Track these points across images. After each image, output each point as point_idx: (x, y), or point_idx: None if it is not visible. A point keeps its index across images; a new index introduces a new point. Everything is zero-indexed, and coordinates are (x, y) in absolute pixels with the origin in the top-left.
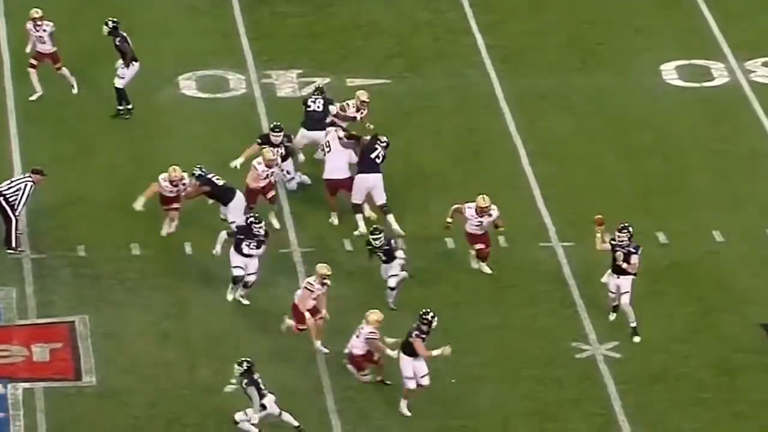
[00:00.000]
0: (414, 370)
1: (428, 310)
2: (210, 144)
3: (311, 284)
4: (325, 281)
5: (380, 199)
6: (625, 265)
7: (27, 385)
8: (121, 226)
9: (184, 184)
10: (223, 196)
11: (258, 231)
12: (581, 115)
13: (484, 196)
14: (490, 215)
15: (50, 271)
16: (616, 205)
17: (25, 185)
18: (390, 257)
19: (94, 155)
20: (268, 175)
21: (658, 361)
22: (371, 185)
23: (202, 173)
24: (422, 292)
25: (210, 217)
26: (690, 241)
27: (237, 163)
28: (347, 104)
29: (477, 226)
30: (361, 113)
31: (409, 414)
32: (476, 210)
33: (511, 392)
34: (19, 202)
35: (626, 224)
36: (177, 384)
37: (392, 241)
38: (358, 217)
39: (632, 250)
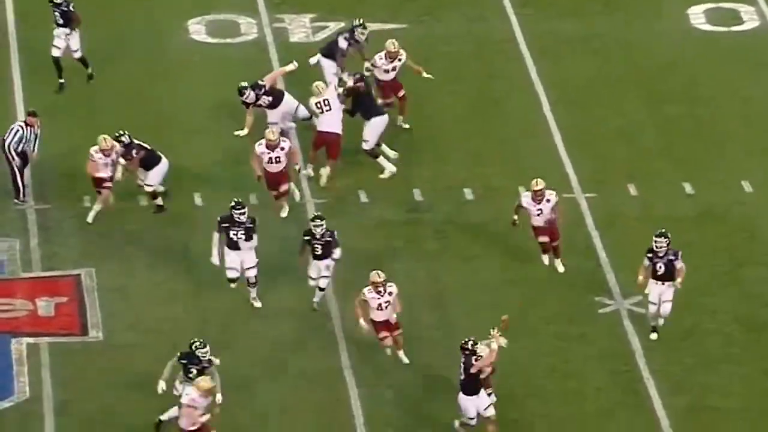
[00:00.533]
0: (477, 409)
1: (466, 340)
2: (220, 91)
3: (364, 294)
4: (380, 289)
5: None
6: (670, 277)
7: (31, 340)
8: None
9: (116, 153)
10: (152, 160)
11: (239, 217)
12: (605, 60)
13: (538, 179)
14: (548, 200)
15: (55, 222)
16: (641, 153)
17: (11, 130)
18: (326, 253)
19: (99, 103)
20: (272, 159)
21: (684, 316)
22: (384, 126)
23: (130, 140)
24: (438, 244)
25: (220, 167)
26: (718, 191)
27: (241, 133)
28: (376, 58)
29: (538, 215)
30: (399, 61)
31: None
32: (531, 196)
33: (533, 349)
34: (12, 146)
35: (663, 231)
36: (185, 339)
37: (335, 234)
38: (379, 160)
39: (671, 257)
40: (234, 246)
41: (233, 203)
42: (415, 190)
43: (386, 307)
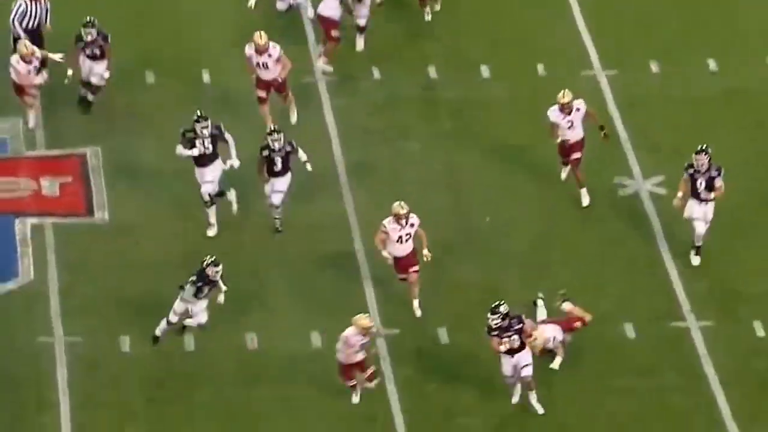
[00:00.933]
0: (516, 366)
1: (496, 304)
2: None
3: (384, 225)
4: (402, 221)
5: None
6: (708, 194)
7: (36, 220)
8: (134, 52)
9: (37, 58)
10: (101, 51)
11: (202, 131)
12: None
13: (565, 90)
14: (578, 110)
15: (60, 100)
16: (665, 29)
17: (16, 4)
18: (286, 168)
19: None
20: (260, 64)
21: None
22: None
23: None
24: (453, 123)
25: (228, 44)
26: (742, 68)
27: (251, 3)
28: None
29: (569, 128)
30: None
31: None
32: (559, 108)
33: (548, 232)
34: (16, 20)
35: (704, 146)
36: (193, 223)
37: (294, 143)
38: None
39: (714, 174)
40: (200, 160)
41: (195, 116)
42: (429, 66)
43: (407, 240)
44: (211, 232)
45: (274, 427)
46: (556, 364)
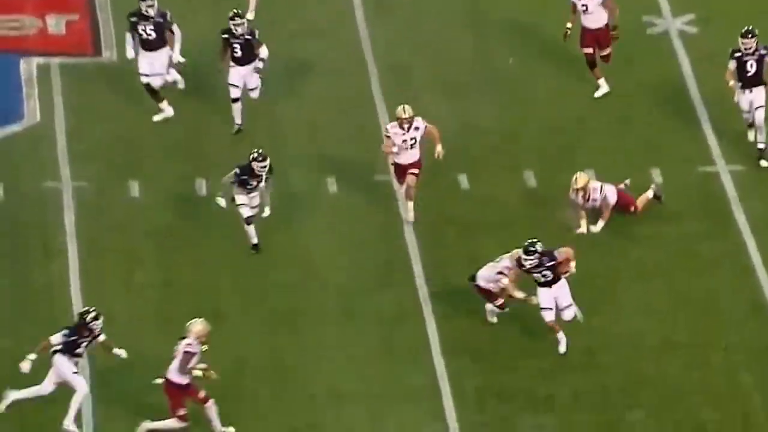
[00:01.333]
0: (556, 301)
1: (530, 243)
2: None
3: (388, 130)
4: (405, 125)
5: None
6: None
7: (41, 60)
8: None
9: None
10: None
11: (147, 10)
12: None
13: None
14: None
15: None
16: None
17: None
18: (246, 55)
19: None
20: None
21: None
22: None
23: None
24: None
25: None
26: None
27: None
28: None
29: (584, 12)
30: None
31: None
32: None
33: (574, 75)
34: None
35: (750, 28)
36: (207, 57)
37: (255, 33)
38: None
39: (763, 52)
40: (146, 45)
41: None
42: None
43: (412, 146)
44: (159, 116)
45: (285, 274)
46: (598, 227)
